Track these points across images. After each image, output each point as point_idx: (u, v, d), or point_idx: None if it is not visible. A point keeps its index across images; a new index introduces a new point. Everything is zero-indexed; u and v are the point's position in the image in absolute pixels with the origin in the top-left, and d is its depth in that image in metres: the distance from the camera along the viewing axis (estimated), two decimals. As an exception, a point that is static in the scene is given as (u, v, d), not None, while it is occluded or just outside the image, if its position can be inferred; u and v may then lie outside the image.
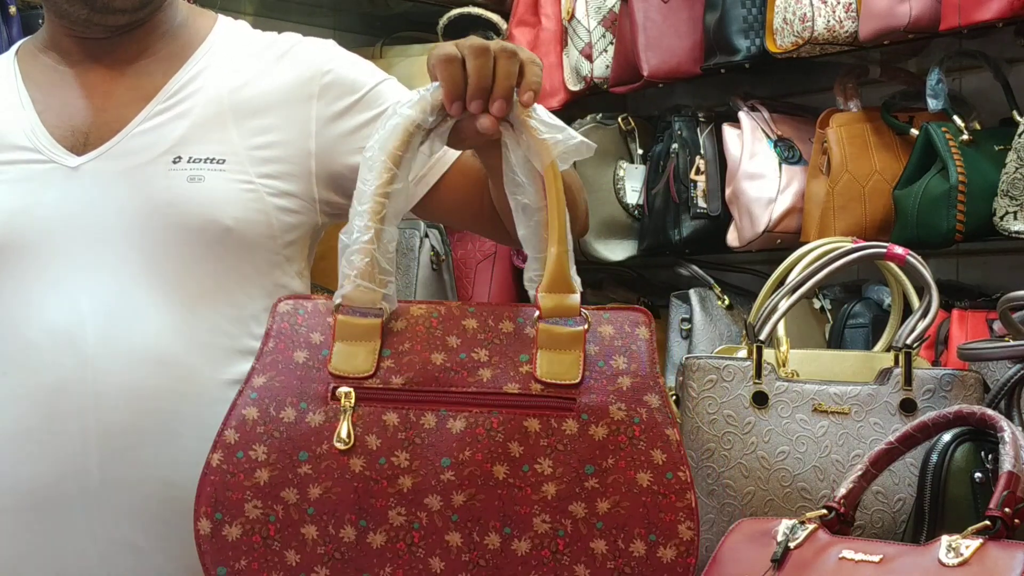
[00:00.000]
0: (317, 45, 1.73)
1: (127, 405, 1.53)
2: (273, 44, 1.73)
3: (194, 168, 1.60)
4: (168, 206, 1.58)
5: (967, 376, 1.88)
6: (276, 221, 1.63)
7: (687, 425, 1.88)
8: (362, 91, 1.70)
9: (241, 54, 1.71)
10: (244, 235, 1.60)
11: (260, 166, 1.62)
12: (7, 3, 2.87)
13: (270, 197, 1.62)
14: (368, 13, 3.68)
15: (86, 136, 1.63)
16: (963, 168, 2.57)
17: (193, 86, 1.66)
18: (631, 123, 3.32)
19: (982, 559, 1.38)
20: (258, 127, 1.64)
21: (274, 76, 1.68)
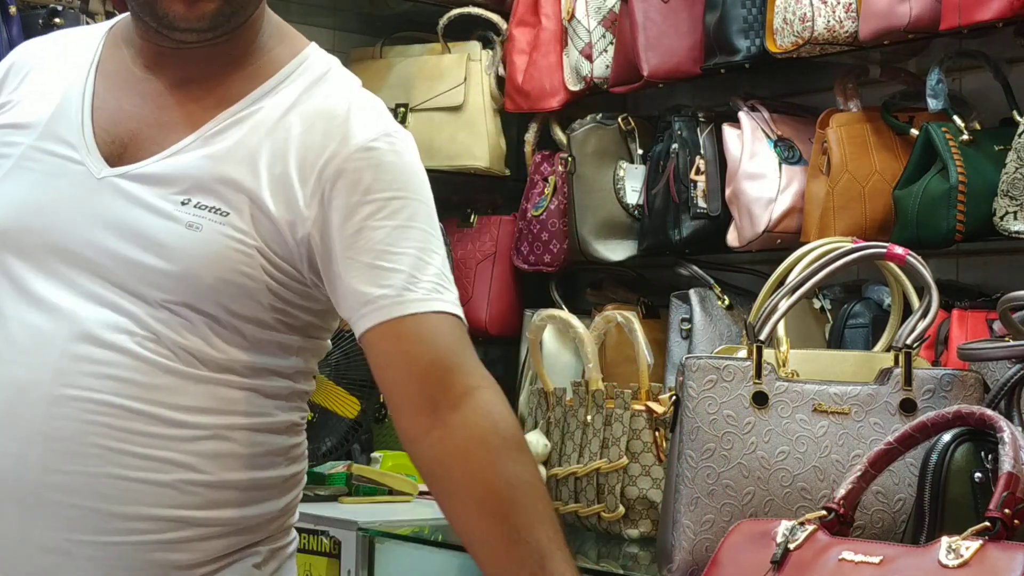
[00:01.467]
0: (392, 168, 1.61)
1: (80, 416, 1.53)
2: (341, 114, 1.61)
3: (197, 215, 1.56)
4: (158, 248, 1.55)
5: (967, 376, 1.88)
6: (265, 287, 1.58)
7: (687, 425, 1.88)
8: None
9: (300, 103, 1.62)
10: (226, 294, 1.56)
11: (261, 229, 1.57)
12: (7, 3, 2.87)
13: (264, 262, 1.57)
14: (368, 13, 3.68)
15: (125, 148, 1.60)
16: (963, 168, 2.57)
17: (236, 128, 1.60)
18: (631, 123, 3.32)
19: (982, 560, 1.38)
20: (272, 191, 1.57)
21: (305, 140, 1.59)
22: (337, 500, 2.90)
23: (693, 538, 1.85)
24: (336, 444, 3.02)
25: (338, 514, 2.69)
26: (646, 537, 2.35)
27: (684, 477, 1.87)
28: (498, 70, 3.53)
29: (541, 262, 3.43)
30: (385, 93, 3.59)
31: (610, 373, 2.70)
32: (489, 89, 3.53)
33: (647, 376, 2.44)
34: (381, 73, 3.62)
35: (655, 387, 2.43)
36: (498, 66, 3.54)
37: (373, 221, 1.57)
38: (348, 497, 2.93)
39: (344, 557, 2.60)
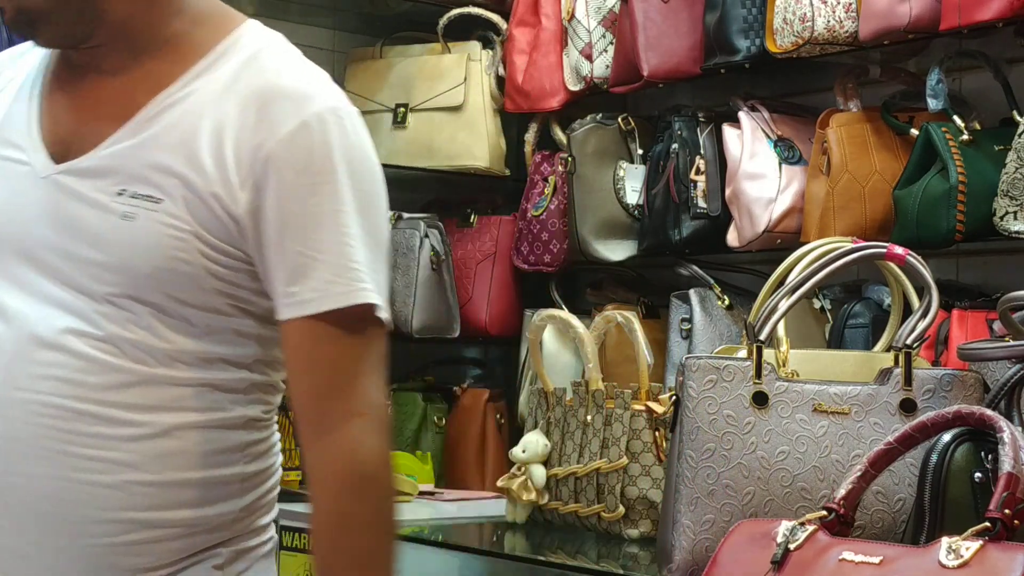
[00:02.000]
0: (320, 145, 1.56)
1: (27, 418, 1.52)
2: (278, 88, 1.57)
3: (131, 205, 1.53)
4: (95, 240, 1.54)
5: (967, 376, 1.88)
6: (205, 271, 1.54)
7: (687, 425, 1.88)
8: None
9: (236, 78, 1.59)
10: (165, 282, 1.54)
11: (196, 212, 1.53)
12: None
13: (200, 245, 1.53)
14: (368, 13, 3.68)
15: (67, 146, 1.59)
16: (963, 168, 2.57)
17: (166, 115, 1.57)
18: (631, 123, 3.32)
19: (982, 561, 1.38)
20: (204, 173, 1.54)
21: (240, 116, 1.55)
22: (337, 500, 2.89)
23: (693, 538, 1.85)
24: (336, 444, 3.01)
25: (338, 514, 2.69)
26: (646, 537, 2.35)
27: (684, 477, 1.87)
28: (498, 70, 3.53)
29: (541, 262, 3.43)
30: (385, 93, 3.59)
31: (610, 373, 2.70)
32: (489, 89, 3.53)
33: (647, 376, 2.44)
34: (381, 73, 3.62)
35: (655, 387, 2.43)
36: (498, 66, 3.54)
37: (298, 206, 1.52)
38: (348, 497, 2.92)
39: (344, 557, 2.60)
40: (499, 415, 3.53)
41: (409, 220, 3.49)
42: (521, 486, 2.51)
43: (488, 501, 2.94)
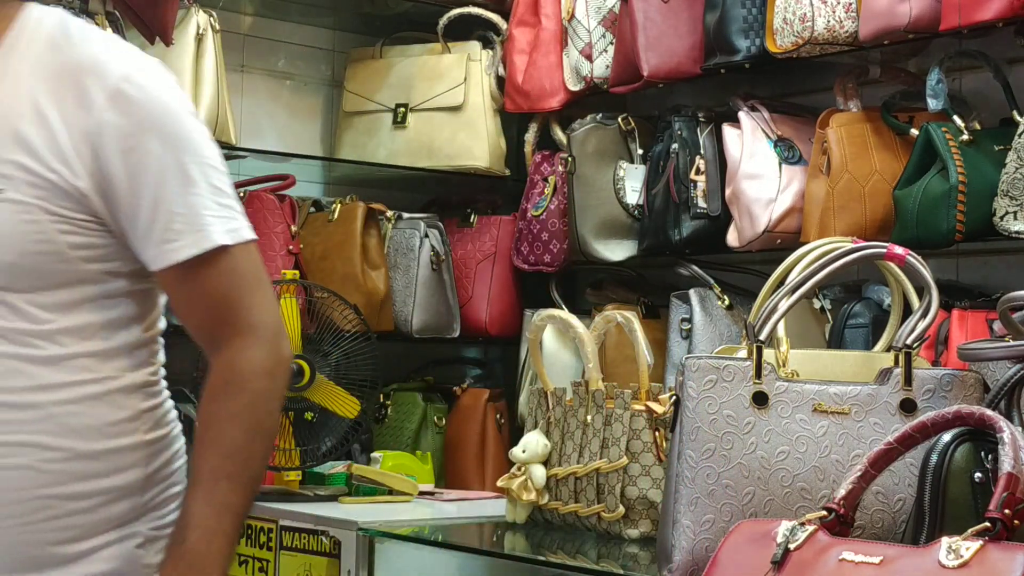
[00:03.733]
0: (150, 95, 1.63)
1: None
2: (81, 60, 1.61)
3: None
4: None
5: (967, 376, 1.88)
6: (66, 244, 1.58)
7: (687, 425, 1.88)
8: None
9: (38, 57, 1.61)
10: (29, 266, 1.57)
11: (40, 192, 1.56)
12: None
13: (53, 223, 1.57)
14: (368, 13, 3.68)
15: None
16: (963, 168, 2.57)
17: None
18: (631, 123, 3.32)
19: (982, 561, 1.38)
20: (37, 151, 1.57)
21: (57, 90, 1.59)
22: (337, 500, 2.90)
23: (693, 538, 1.85)
24: (336, 444, 3.02)
25: (338, 514, 2.69)
26: (646, 537, 2.35)
27: (684, 477, 1.86)
28: (498, 70, 3.54)
29: (541, 262, 3.43)
30: (385, 93, 3.59)
31: (610, 373, 2.70)
32: (489, 89, 3.53)
33: (647, 376, 2.44)
34: (381, 73, 3.62)
35: (655, 387, 2.43)
36: (498, 66, 3.54)
37: (135, 167, 1.58)
38: (348, 497, 2.93)
39: (344, 557, 2.60)
40: (499, 415, 3.53)
41: (409, 220, 3.49)
42: (521, 486, 2.51)
43: (488, 501, 2.94)
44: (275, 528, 2.75)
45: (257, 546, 2.77)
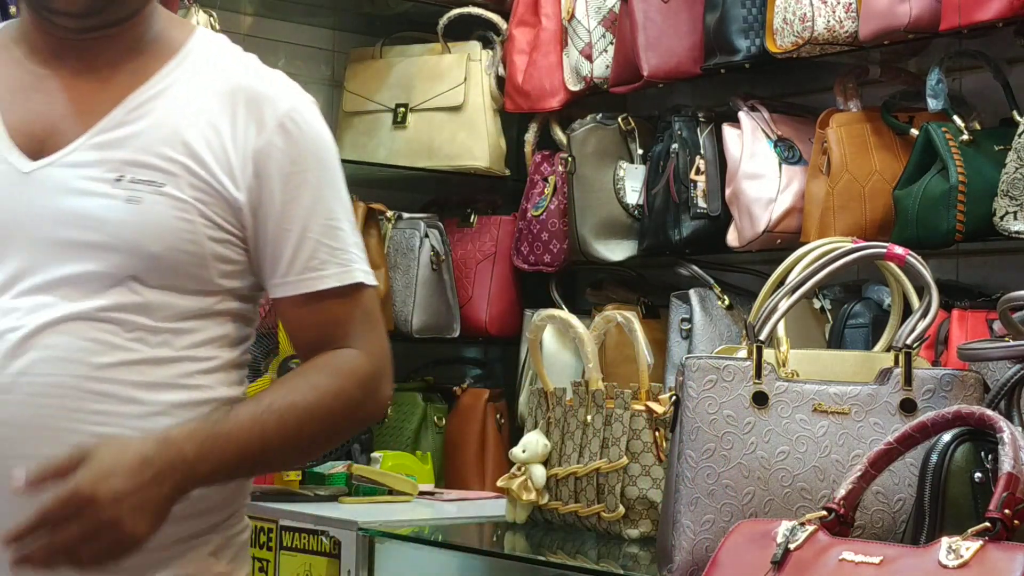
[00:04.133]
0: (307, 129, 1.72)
1: (31, 400, 1.55)
2: (254, 85, 1.70)
3: (134, 189, 1.59)
4: (101, 224, 1.58)
5: (967, 376, 1.88)
6: (210, 252, 1.63)
7: (687, 425, 1.88)
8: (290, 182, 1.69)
9: (210, 75, 1.69)
10: (171, 263, 1.60)
11: (200, 196, 1.62)
12: (7, 3, 2.87)
13: (205, 228, 1.62)
14: (368, 13, 3.68)
15: (43, 142, 1.63)
16: (963, 168, 2.57)
17: (153, 104, 1.65)
18: (631, 123, 3.32)
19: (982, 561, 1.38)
20: (204, 159, 1.63)
21: (231, 109, 1.66)
22: (337, 500, 2.90)
23: (693, 538, 1.85)
24: (336, 444, 3.02)
25: (338, 514, 2.69)
26: (646, 537, 2.35)
27: (684, 477, 1.86)
28: (498, 70, 3.53)
29: (541, 262, 3.43)
30: (385, 93, 3.59)
31: (610, 373, 2.70)
32: (489, 89, 3.53)
33: (647, 376, 2.44)
34: (381, 73, 3.62)
35: (655, 387, 2.43)
36: (498, 66, 3.54)
37: (290, 196, 1.66)
38: (348, 497, 2.93)
39: (344, 557, 2.60)
40: (499, 415, 3.53)
41: (409, 220, 3.49)
42: (521, 486, 2.51)
43: (488, 501, 2.94)
44: (275, 528, 2.75)
45: (257, 546, 2.77)
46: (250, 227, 1.66)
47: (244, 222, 1.65)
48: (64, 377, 1.56)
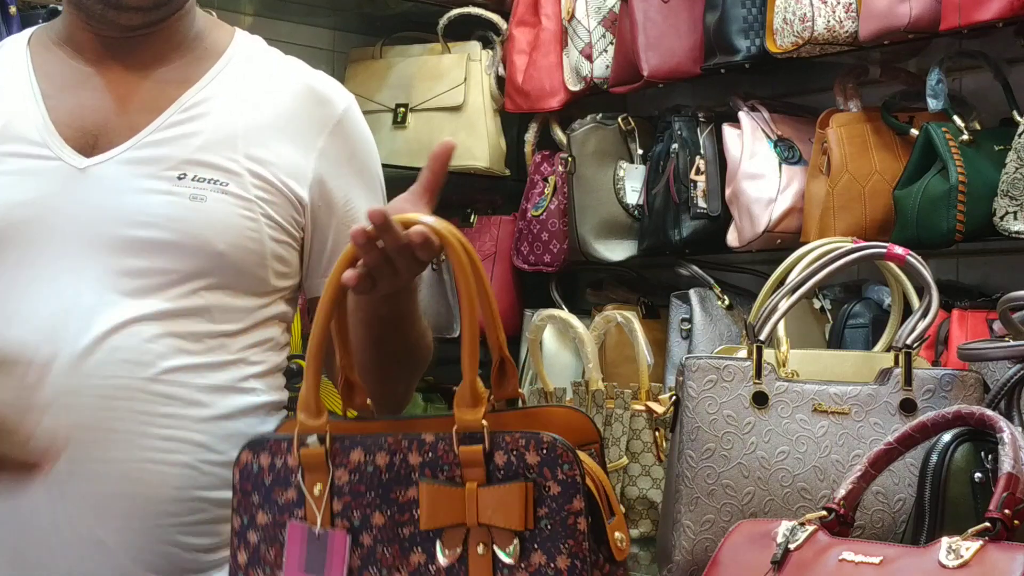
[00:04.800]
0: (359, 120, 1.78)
1: (97, 403, 1.55)
2: (307, 84, 1.75)
3: (198, 187, 1.61)
4: (166, 220, 1.59)
5: (967, 376, 1.88)
6: (270, 252, 1.65)
7: (687, 425, 1.88)
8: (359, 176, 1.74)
9: (260, 75, 1.72)
10: (234, 261, 1.62)
11: (263, 195, 1.64)
12: (7, 3, 2.87)
13: (268, 228, 1.64)
14: (368, 13, 3.68)
15: (95, 138, 1.63)
16: (963, 168, 2.57)
17: (209, 104, 1.66)
18: (631, 123, 3.32)
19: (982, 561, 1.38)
20: (266, 159, 1.65)
21: (291, 109, 1.70)
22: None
23: (693, 538, 1.85)
24: (336, 444, 3.01)
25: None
26: (646, 537, 2.35)
27: (684, 477, 1.87)
28: (498, 70, 3.53)
29: (541, 262, 3.43)
30: (385, 93, 3.59)
31: (610, 373, 2.70)
32: (489, 89, 3.53)
33: (647, 376, 2.44)
34: (381, 73, 3.62)
35: (655, 387, 2.43)
36: (498, 66, 3.54)
37: (352, 190, 1.71)
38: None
39: (344, 557, 2.60)
40: (499, 415, 3.53)
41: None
42: (521, 486, 2.50)
43: (488, 501, 2.93)
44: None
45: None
46: (310, 224, 1.69)
47: (306, 219, 1.68)
48: (131, 379, 1.56)
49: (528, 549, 1.37)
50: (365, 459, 1.44)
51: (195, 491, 1.59)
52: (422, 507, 1.40)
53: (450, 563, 1.39)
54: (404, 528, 1.41)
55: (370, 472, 1.43)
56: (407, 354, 1.65)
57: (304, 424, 1.45)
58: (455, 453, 1.39)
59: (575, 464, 1.37)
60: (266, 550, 1.46)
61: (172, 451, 1.57)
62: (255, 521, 1.47)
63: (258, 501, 1.47)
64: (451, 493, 1.39)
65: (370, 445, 1.44)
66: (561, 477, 1.37)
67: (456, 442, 1.39)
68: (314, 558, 1.43)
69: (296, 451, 1.44)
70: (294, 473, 1.45)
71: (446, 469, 1.40)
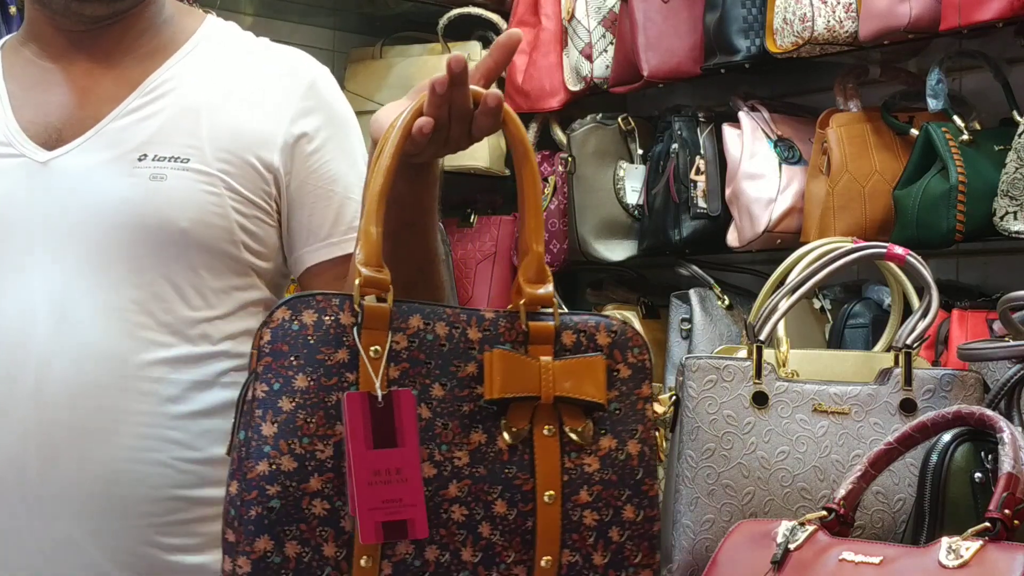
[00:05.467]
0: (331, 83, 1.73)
1: (69, 401, 1.53)
2: (275, 58, 1.71)
3: (157, 166, 1.58)
4: (125, 204, 1.57)
5: (967, 376, 1.88)
6: (237, 226, 1.61)
7: (687, 425, 1.88)
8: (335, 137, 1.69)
9: (228, 55, 1.69)
10: (200, 238, 1.58)
11: (226, 168, 1.61)
12: (7, 3, 2.87)
13: (232, 201, 1.60)
14: (368, 13, 3.68)
15: (59, 131, 1.62)
16: (963, 168, 2.57)
17: (170, 84, 1.64)
18: (631, 123, 3.32)
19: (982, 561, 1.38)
20: (231, 130, 1.62)
21: (259, 82, 1.67)
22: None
23: (693, 538, 1.85)
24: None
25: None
26: (646, 537, 2.34)
27: (684, 477, 1.86)
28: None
29: (541, 262, 3.42)
30: (385, 93, 3.58)
31: (610, 373, 2.69)
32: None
33: (647, 376, 2.43)
34: (381, 73, 3.62)
35: (655, 387, 2.43)
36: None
37: (329, 155, 1.66)
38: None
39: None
40: (499, 415, 3.53)
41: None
42: (521, 486, 2.50)
43: (488, 501, 2.93)
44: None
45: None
46: (285, 195, 1.64)
47: (279, 190, 1.64)
48: (102, 376, 1.54)
49: (597, 432, 1.31)
50: (424, 326, 1.32)
51: (172, 490, 1.56)
52: (492, 375, 1.29)
53: (514, 443, 1.31)
54: (464, 404, 1.31)
55: (429, 340, 1.31)
56: (420, 265, 1.54)
57: (369, 277, 1.30)
58: (519, 331, 1.31)
59: (644, 348, 1.33)
60: (306, 418, 1.27)
61: (147, 449, 1.54)
62: (291, 385, 1.28)
63: (297, 363, 1.29)
64: (525, 363, 1.30)
65: (428, 313, 1.33)
66: (632, 360, 1.33)
67: (524, 316, 1.32)
68: (381, 430, 1.28)
69: (357, 305, 1.29)
70: (348, 332, 1.29)
71: (508, 348, 1.32)
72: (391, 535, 1.28)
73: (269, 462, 1.28)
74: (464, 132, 1.43)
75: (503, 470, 1.31)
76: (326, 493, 1.27)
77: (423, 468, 1.29)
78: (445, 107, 1.40)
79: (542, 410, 1.30)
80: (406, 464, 1.28)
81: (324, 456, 1.28)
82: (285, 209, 1.65)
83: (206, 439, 1.57)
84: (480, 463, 1.31)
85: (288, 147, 1.64)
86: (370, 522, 1.27)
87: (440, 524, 1.30)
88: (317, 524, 1.28)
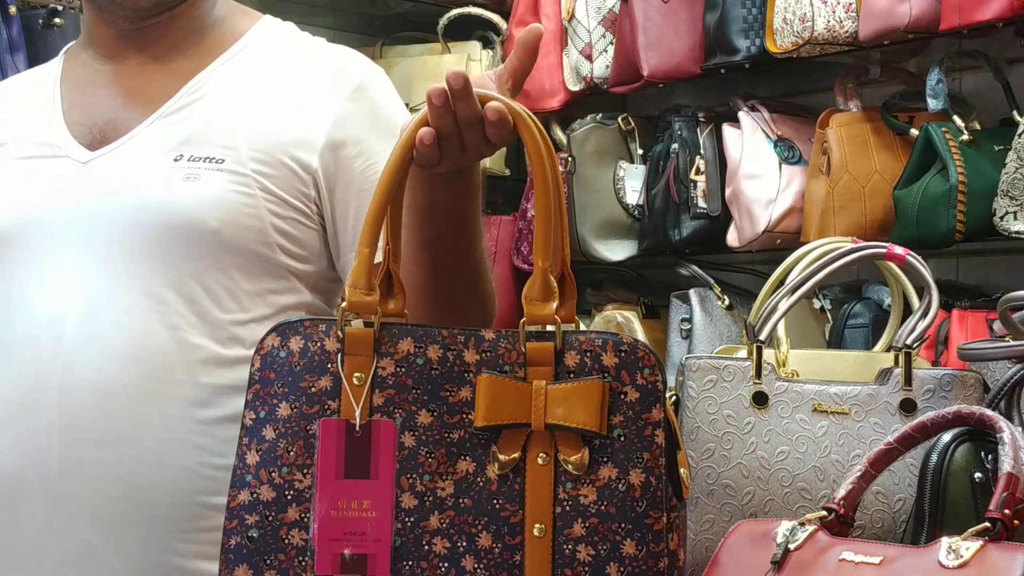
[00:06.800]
0: (384, 83, 1.71)
1: (94, 401, 1.51)
2: (325, 59, 1.69)
3: (192, 167, 1.57)
4: (158, 204, 1.55)
5: (967, 376, 1.88)
6: (272, 227, 1.58)
7: (687, 425, 1.88)
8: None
9: (277, 55, 1.68)
10: (232, 239, 1.56)
11: (261, 168, 1.58)
12: (7, 3, 2.87)
13: (266, 202, 1.58)
14: (368, 13, 3.68)
15: (103, 132, 1.62)
16: (963, 168, 2.57)
17: (214, 85, 1.63)
18: (631, 123, 3.32)
19: (982, 561, 1.38)
20: (268, 131, 1.60)
21: (305, 83, 1.65)
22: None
23: (693, 538, 1.85)
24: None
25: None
26: (646, 537, 2.34)
27: (684, 477, 1.86)
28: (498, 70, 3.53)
29: (541, 262, 3.42)
30: (385, 93, 3.59)
31: (610, 373, 2.69)
32: (489, 89, 3.53)
33: (647, 376, 2.43)
34: (381, 73, 3.62)
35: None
36: (498, 66, 3.53)
37: (380, 156, 1.59)
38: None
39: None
40: (499, 415, 3.53)
41: (409, 220, 3.49)
42: (521, 486, 2.50)
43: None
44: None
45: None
46: (327, 197, 1.61)
47: (319, 192, 1.60)
48: (127, 376, 1.51)
49: (597, 461, 1.23)
50: (415, 350, 1.27)
51: (194, 495, 1.53)
52: (480, 401, 1.24)
53: (504, 472, 1.25)
54: (453, 432, 1.26)
55: (419, 365, 1.27)
56: (464, 273, 1.51)
57: (354, 301, 1.27)
58: (519, 352, 1.26)
59: (656, 369, 1.23)
60: (286, 447, 1.27)
61: (171, 453, 1.52)
62: (274, 414, 1.28)
63: (281, 391, 1.28)
64: (516, 388, 1.24)
65: (421, 336, 1.28)
66: (641, 382, 1.23)
67: (523, 337, 1.27)
68: (355, 459, 1.25)
69: (339, 331, 1.26)
70: (332, 358, 1.27)
71: (508, 370, 1.26)
72: (349, 569, 1.25)
73: (250, 491, 1.28)
74: (480, 139, 1.40)
75: (491, 501, 1.26)
76: (304, 523, 1.26)
77: (404, 498, 1.26)
78: (448, 117, 1.38)
79: (536, 437, 1.25)
80: (377, 497, 1.26)
81: (303, 486, 1.26)
82: (328, 212, 1.62)
83: (231, 445, 1.53)
84: (466, 493, 1.26)
85: (330, 149, 1.61)
86: (327, 552, 1.25)
87: (421, 556, 1.26)
88: (295, 554, 1.26)
